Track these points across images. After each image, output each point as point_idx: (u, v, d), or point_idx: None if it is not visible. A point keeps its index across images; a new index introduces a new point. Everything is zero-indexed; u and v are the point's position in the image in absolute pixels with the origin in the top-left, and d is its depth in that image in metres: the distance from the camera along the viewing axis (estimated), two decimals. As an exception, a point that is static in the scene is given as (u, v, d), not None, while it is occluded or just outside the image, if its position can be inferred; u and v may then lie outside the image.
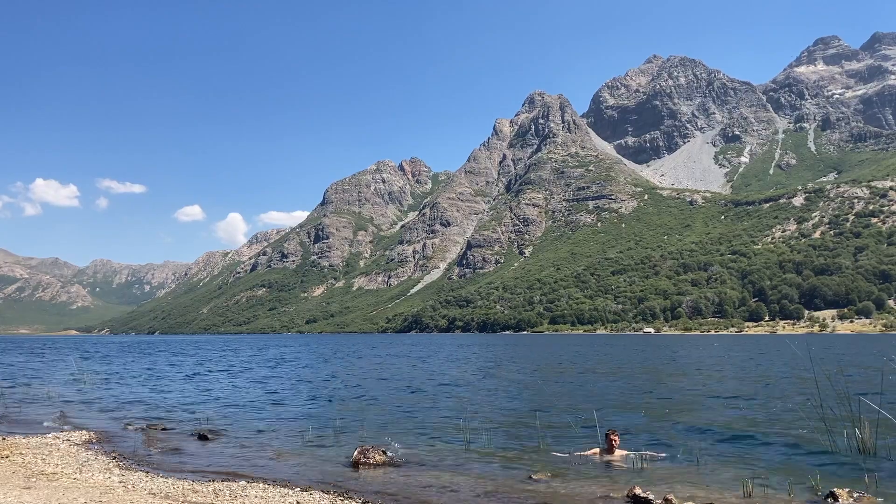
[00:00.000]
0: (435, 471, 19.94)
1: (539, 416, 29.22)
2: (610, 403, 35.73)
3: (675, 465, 20.34)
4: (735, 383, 48.15)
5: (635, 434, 25.10)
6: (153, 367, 76.33)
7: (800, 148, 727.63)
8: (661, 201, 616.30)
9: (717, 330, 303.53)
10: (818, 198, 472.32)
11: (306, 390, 45.71)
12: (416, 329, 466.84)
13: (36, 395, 42.63)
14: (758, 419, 28.89)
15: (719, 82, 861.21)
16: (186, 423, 29.36)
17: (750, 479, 17.09)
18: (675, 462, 20.76)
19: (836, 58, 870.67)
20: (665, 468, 20.08)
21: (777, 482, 17.73)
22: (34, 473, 18.26)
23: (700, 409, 33.28)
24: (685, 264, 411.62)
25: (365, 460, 20.54)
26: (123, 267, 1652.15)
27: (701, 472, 19.43)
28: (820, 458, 20.79)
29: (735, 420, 28.71)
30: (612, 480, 18.52)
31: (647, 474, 19.21)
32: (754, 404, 34.54)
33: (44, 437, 24.72)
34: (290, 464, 21.14)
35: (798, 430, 25.43)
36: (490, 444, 23.68)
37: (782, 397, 37.25)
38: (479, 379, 55.28)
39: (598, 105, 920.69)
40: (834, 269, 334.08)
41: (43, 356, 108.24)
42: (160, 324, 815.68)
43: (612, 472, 19.62)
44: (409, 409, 34.40)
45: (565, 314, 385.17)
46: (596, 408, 29.74)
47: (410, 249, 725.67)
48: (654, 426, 27.32)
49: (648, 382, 50.09)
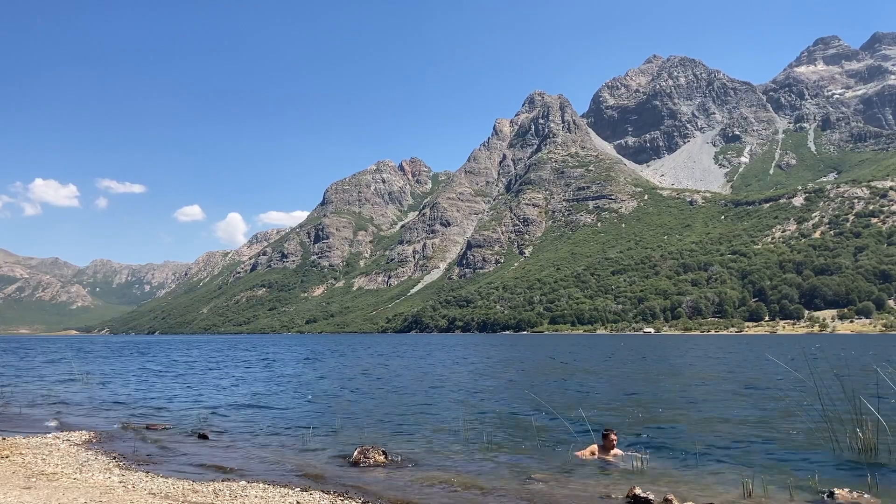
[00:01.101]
0: (435, 471, 19.92)
1: (539, 416, 29.23)
2: (609, 403, 35.68)
3: (676, 465, 20.30)
4: (735, 383, 48.09)
5: (635, 434, 25.07)
6: (153, 366, 76.33)
7: (800, 148, 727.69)
8: (662, 201, 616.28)
9: (718, 330, 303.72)
10: (818, 198, 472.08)
11: (307, 390, 45.59)
12: (416, 329, 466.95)
13: (36, 394, 42.57)
14: (758, 419, 28.84)
15: (719, 82, 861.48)
16: (187, 423, 29.35)
17: (750, 478, 17.08)
18: (675, 462, 20.73)
19: (836, 58, 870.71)
20: (665, 468, 20.03)
21: (777, 482, 17.71)
22: (34, 473, 18.23)
23: (700, 408, 33.25)
24: (685, 264, 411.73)
25: (365, 460, 20.53)
26: (123, 267, 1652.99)
27: (701, 471, 19.41)
28: (821, 458, 20.77)
29: (736, 420, 28.69)
30: (612, 480, 18.51)
31: (648, 474, 19.18)
32: (755, 404, 34.53)
33: (44, 437, 24.65)
34: (291, 463, 21.09)
35: (799, 429, 25.43)
36: (490, 443, 23.68)
37: (783, 397, 37.20)
38: (479, 379, 55.24)
39: (598, 105, 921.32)
40: (834, 269, 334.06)
41: (43, 356, 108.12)
42: (160, 324, 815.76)
43: (612, 472, 19.58)
44: (409, 409, 34.34)
45: (565, 314, 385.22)
46: (595, 407, 29.79)
47: (410, 249, 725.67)
48: (654, 425, 27.30)
49: (648, 382, 49.99)
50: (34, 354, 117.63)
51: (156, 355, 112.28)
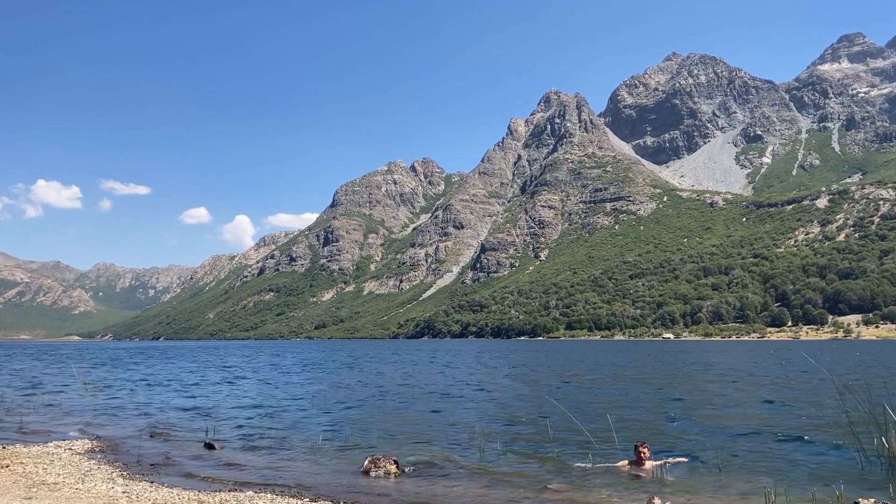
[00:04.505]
0: (447, 481, 19.89)
1: (556, 424, 29.11)
2: (631, 411, 35.62)
3: (698, 474, 20.30)
4: (759, 389, 47.95)
5: (658, 442, 24.94)
6: (157, 373, 76.47)
7: (823, 148, 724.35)
8: (681, 203, 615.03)
9: (739, 335, 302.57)
10: (842, 199, 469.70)
11: (316, 397, 45.68)
12: (428, 335, 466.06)
13: (37, 402, 42.66)
14: (783, 426, 28.74)
15: (741, 80, 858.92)
16: (193, 431, 29.37)
17: (773, 487, 17.01)
18: (697, 471, 20.73)
19: (861, 55, 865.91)
20: (687, 477, 20.04)
21: (801, 491, 17.68)
22: (35, 483, 18.25)
23: (724, 415, 33.15)
24: (705, 268, 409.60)
25: (376, 469, 20.52)
26: (127, 271, 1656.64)
27: (724, 480, 19.39)
28: (846, 466, 20.77)
29: (760, 427, 28.59)
30: (631, 492, 18.43)
31: (669, 484, 19.18)
32: (779, 411, 34.44)
33: (45, 446, 24.67)
34: (299, 473, 21.10)
35: (824, 436, 25.37)
36: (505, 453, 23.63)
37: (808, 403, 37.01)
38: (495, 386, 55.17)
39: (616, 104, 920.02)
40: (859, 272, 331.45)
41: (44, 362, 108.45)
42: (165, 329, 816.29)
43: (632, 483, 19.54)
44: (421, 416, 34.37)
45: (582, 319, 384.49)
46: (616, 416, 29.64)
47: (422, 253, 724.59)
48: (677, 434, 27.25)
49: (670, 389, 49.89)
50: (35, 361, 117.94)
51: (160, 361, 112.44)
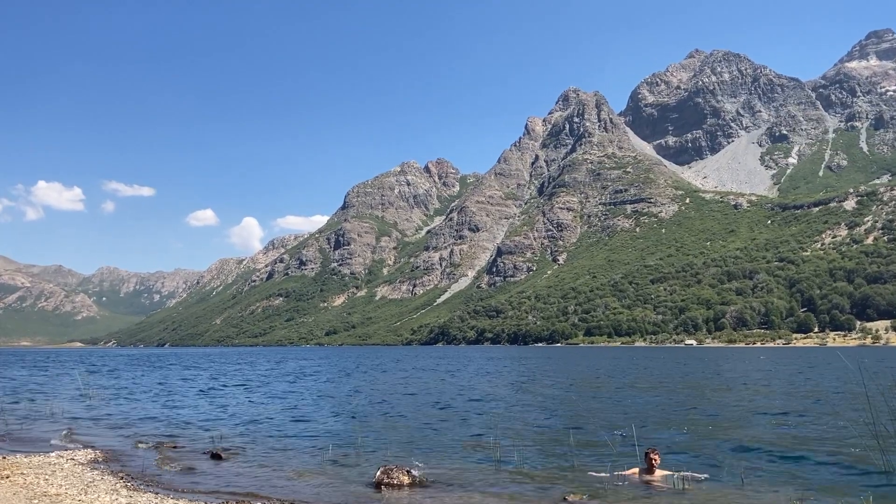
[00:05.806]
0: (463, 492, 19.85)
1: (574, 433, 29.08)
2: (650, 420, 35.55)
3: (719, 486, 20.18)
4: (783, 399, 47.84)
5: (677, 452, 24.92)
6: (164, 381, 76.70)
7: (851, 148, 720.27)
8: (704, 205, 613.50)
9: (764, 342, 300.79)
10: (871, 201, 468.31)
11: (327, 406, 45.79)
12: (442, 341, 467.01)
13: (39, 411, 42.80)
14: (807, 437, 28.68)
15: (765, 78, 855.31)
16: (199, 441, 29.43)
17: (797, 500, 16.92)
18: (718, 483, 20.61)
19: (891, 52, 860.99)
20: (708, 489, 19.93)
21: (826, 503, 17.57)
22: (36, 495, 18.28)
23: (746, 425, 33.05)
24: (729, 272, 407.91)
25: (388, 481, 20.45)
26: (131, 275, 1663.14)
27: (745, 493, 19.30)
28: (872, 479, 20.71)
29: (783, 438, 28.52)
30: (651, 503, 18.36)
31: (690, 496, 19.10)
32: (803, 421, 34.31)
33: (47, 456, 24.72)
34: (309, 484, 21.10)
35: (849, 448, 25.24)
36: (522, 463, 23.60)
37: (833, 414, 36.91)
38: (511, 394, 55.18)
39: (637, 103, 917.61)
40: (888, 276, 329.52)
41: (47, 370, 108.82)
42: (170, 335, 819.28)
43: (652, 494, 19.49)
44: (436, 426, 34.32)
45: (601, 325, 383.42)
46: (635, 424, 29.54)
47: (437, 256, 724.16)
48: (698, 444, 27.17)
49: (691, 398, 49.79)
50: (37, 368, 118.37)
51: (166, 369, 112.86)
